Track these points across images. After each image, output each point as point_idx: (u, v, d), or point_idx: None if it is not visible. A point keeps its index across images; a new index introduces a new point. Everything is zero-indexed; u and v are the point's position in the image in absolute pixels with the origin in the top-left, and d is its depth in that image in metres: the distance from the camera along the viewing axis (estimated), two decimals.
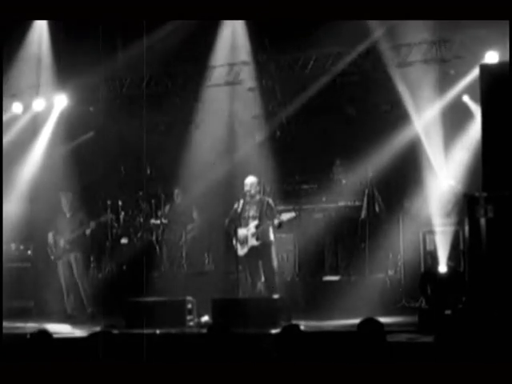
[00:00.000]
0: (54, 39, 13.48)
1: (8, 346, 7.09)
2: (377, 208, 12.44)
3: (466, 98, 12.25)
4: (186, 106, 14.07)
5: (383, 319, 5.84)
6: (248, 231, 10.84)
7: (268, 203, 10.95)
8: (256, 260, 10.92)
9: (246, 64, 13.36)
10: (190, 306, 10.46)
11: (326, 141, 13.46)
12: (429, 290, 10.75)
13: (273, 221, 10.76)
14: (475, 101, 11.53)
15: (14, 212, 12.73)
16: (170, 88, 13.97)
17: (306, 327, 9.17)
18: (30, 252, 13.11)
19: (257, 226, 10.80)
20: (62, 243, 12.09)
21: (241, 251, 10.89)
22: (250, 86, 13.48)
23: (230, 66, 13.53)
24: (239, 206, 10.87)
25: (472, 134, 11.48)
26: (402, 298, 11.58)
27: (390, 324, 9.28)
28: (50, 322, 11.13)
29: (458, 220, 11.18)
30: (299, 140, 13.67)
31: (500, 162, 8.61)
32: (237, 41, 13.13)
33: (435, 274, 10.95)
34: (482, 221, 8.91)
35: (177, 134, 14.04)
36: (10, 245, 12.71)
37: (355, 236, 12.50)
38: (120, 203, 14.07)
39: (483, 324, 6.38)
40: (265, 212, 10.84)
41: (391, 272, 12.13)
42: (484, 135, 8.81)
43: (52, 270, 12.34)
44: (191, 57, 13.56)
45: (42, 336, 6.07)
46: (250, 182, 10.94)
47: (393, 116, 12.61)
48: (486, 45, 11.59)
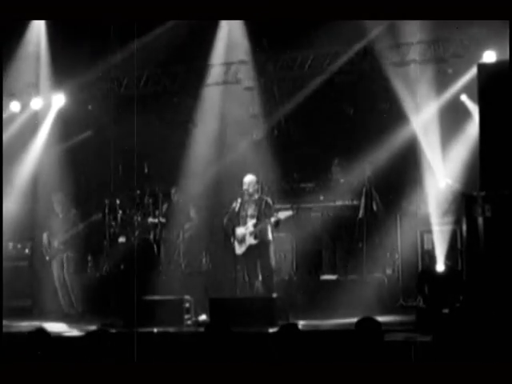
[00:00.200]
0: (52, 38, 13.46)
1: (5, 344, 7.10)
2: (374, 207, 12.43)
3: (464, 97, 12.26)
4: (184, 105, 14.06)
5: (381, 318, 5.85)
6: (246, 230, 10.83)
7: (266, 202, 10.94)
8: (254, 259, 10.91)
9: (244, 63, 13.35)
10: (187, 304, 10.46)
11: (324, 140, 13.46)
12: (426, 289, 10.75)
13: (270, 220, 10.76)
14: (473, 100, 11.53)
15: (11, 211, 12.71)
16: (168, 87, 13.96)
17: (304, 326, 9.19)
18: (27, 251, 13.09)
19: (255, 225, 10.79)
20: (56, 243, 12.13)
21: (239, 250, 10.89)
22: (247, 86, 13.46)
23: (228, 65, 13.52)
24: (237, 205, 10.87)
25: (470, 133, 11.49)
26: (399, 296, 11.58)
27: (388, 323, 9.29)
28: (47, 321, 11.12)
29: (455, 219, 11.18)
30: (297, 139, 13.67)
31: (497, 161, 8.62)
32: (235, 40, 13.11)
33: (433, 273, 10.96)
34: (480, 220, 8.92)
35: (174, 133, 14.03)
36: (8, 244, 12.68)
37: (353, 235, 12.50)
38: (118, 202, 14.06)
39: (481, 323, 6.38)
40: (263, 211, 10.83)
41: (389, 271, 12.13)
42: (481, 134, 8.81)
43: (48, 270, 12.35)
44: (189, 56, 13.55)
45: (40, 335, 6.07)
46: (249, 180, 10.93)
47: (391, 115, 12.61)
48: (483, 44, 11.60)
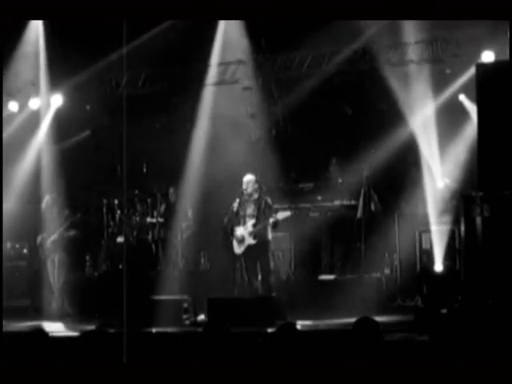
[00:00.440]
0: (50, 38, 13.45)
1: (4, 344, 7.09)
2: (373, 207, 12.44)
3: (462, 98, 12.26)
4: (182, 105, 14.05)
5: (379, 318, 5.84)
6: (245, 230, 10.83)
7: (266, 202, 10.93)
8: (253, 259, 10.91)
9: (243, 63, 13.35)
10: (186, 304, 10.46)
11: (322, 140, 13.46)
12: (424, 289, 10.78)
13: (269, 220, 10.76)
14: (471, 100, 11.54)
15: (9, 211, 12.70)
16: (166, 87, 13.95)
17: (302, 326, 9.19)
18: (25, 251, 13.09)
19: (254, 225, 10.79)
20: (48, 243, 12.15)
21: (238, 250, 10.90)
22: (246, 85, 13.47)
23: (227, 65, 13.52)
24: (236, 205, 10.87)
25: (468, 133, 11.49)
26: (397, 296, 11.59)
27: (386, 323, 9.29)
28: (45, 321, 11.12)
29: (453, 219, 11.19)
30: (295, 139, 13.67)
31: (496, 161, 8.63)
32: (233, 40, 13.11)
33: (431, 273, 10.98)
34: (478, 220, 8.93)
35: (173, 133, 14.03)
36: (6, 243, 12.68)
37: (351, 235, 12.51)
38: (116, 202, 14.06)
39: (479, 323, 6.39)
40: (263, 211, 10.83)
41: (387, 271, 12.14)
42: (480, 134, 8.83)
43: (46, 269, 12.34)
44: (187, 56, 13.54)
45: (38, 335, 6.06)
46: (247, 180, 10.93)
47: (389, 115, 12.61)
48: (481, 44, 11.61)
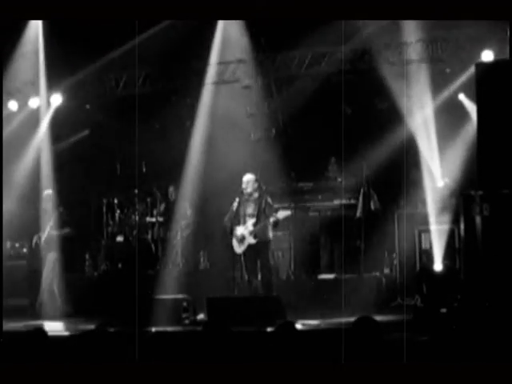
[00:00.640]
0: (49, 38, 13.45)
1: (3, 344, 7.09)
2: (372, 206, 12.45)
3: (462, 97, 12.27)
4: (182, 104, 14.06)
5: (378, 317, 5.84)
6: (246, 229, 10.82)
7: (267, 201, 10.93)
8: (253, 258, 10.91)
9: (242, 62, 13.36)
10: (185, 304, 10.46)
11: (322, 139, 13.46)
12: (424, 289, 10.77)
13: (270, 219, 10.76)
14: (471, 99, 11.54)
15: (8, 210, 12.69)
16: (166, 86, 13.95)
17: (302, 325, 9.19)
18: (25, 250, 13.08)
19: (254, 225, 10.79)
20: (42, 242, 12.17)
21: (238, 249, 10.90)
22: (245, 85, 13.47)
23: (226, 64, 13.52)
24: (236, 204, 10.86)
25: (467, 133, 11.49)
26: (397, 296, 11.59)
27: (386, 322, 9.28)
28: (45, 320, 11.11)
29: (453, 218, 11.19)
30: (295, 138, 13.66)
31: (495, 161, 8.63)
32: (233, 39, 13.12)
33: (431, 272, 10.98)
34: (478, 219, 8.93)
35: (172, 132, 14.03)
36: (6, 243, 12.67)
37: (351, 234, 12.51)
38: (115, 201, 14.07)
39: (478, 322, 6.39)
40: (263, 210, 10.83)
41: (387, 270, 12.15)
42: (479, 133, 8.82)
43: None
44: (187, 55, 13.55)
45: (38, 334, 6.06)
46: (247, 179, 10.92)
47: (388, 114, 12.61)
48: (481, 43, 11.62)
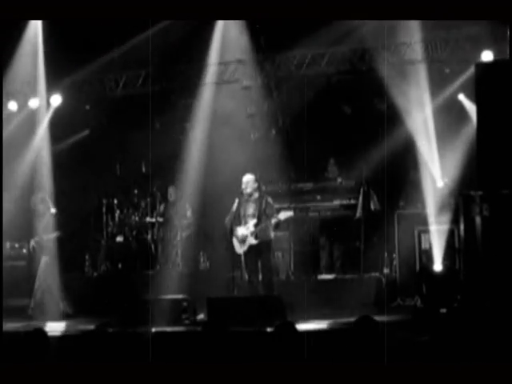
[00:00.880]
0: (49, 38, 13.45)
1: (3, 344, 7.08)
2: (372, 207, 12.44)
3: (462, 97, 12.26)
4: (182, 104, 14.05)
5: (378, 318, 5.84)
6: (247, 230, 10.81)
7: (267, 201, 10.92)
8: (255, 258, 10.90)
9: (242, 62, 13.35)
10: (185, 304, 10.46)
11: (322, 139, 13.46)
12: (424, 289, 10.77)
13: (271, 220, 10.76)
14: (470, 100, 11.54)
15: (9, 210, 12.70)
16: (166, 86, 13.95)
17: (301, 326, 9.17)
18: (25, 251, 13.07)
19: (255, 225, 10.78)
20: (34, 243, 12.18)
21: (240, 250, 10.89)
22: (245, 85, 13.47)
23: (226, 64, 13.52)
24: (236, 205, 10.85)
25: (467, 133, 11.49)
26: (397, 296, 11.59)
27: (385, 322, 9.27)
28: (44, 321, 11.11)
29: (452, 218, 11.19)
30: (294, 138, 13.65)
31: (495, 161, 8.63)
32: (232, 39, 13.11)
33: (430, 273, 10.98)
34: (478, 219, 8.94)
35: (172, 133, 14.02)
36: (5, 243, 12.67)
37: (350, 235, 12.51)
38: (115, 202, 14.06)
39: (478, 322, 6.38)
40: (264, 210, 10.82)
41: (386, 270, 12.14)
42: (479, 134, 8.82)
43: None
44: (187, 55, 13.55)
45: (38, 334, 6.06)
46: (247, 180, 10.91)
47: (388, 115, 12.60)
48: (481, 44, 11.62)
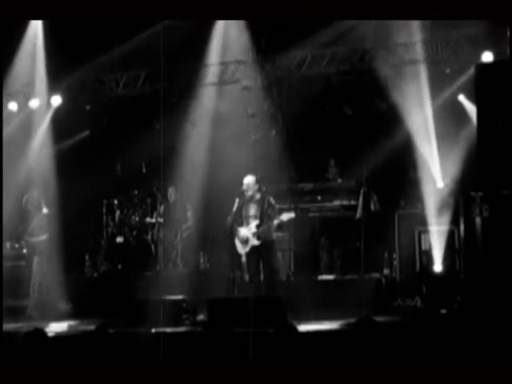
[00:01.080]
0: (49, 38, 13.45)
1: (3, 344, 7.09)
2: (372, 207, 12.44)
3: (462, 98, 12.26)
4: (182, 104, 14.05)
5: (378, 318, 5.84)
6: (249, 231, 10.81)
7: (269, 202, 10.92)
8: (257, 259, 10.90)
9: (242, 63, 13.35)
10: (185, 304, 10.46)
11: (322, 140, 13.46)
12: (424, 289, 10.77)
13: (273, 221, 10.76)
14: (471, 100, 11.54)
15: (9, 210, 12.69)
16: (166, 87, 13.94)
17: (302, 326, 9.18)
18: (25, 251, 13.06)
19: (258, 226, 10.79)
20: (24, 244, 12.19)
21: (241, 250, 10.90)
22: (245, 85, 13.46)
23: (226, 64, 13.52)
24: (238, 205, 10.84)
25: (467, 133, 11.48)
26: (397, 297, 11.58)
27: (386, 323, 9.28)
28: (44, 321, 11.11)
29: (452, 219, 11.18)
30: (295, 139, 13.66)
31: (495, 161, 8.63)
32: (233, 40, 13.11)
33: (430, 274, 10.98)
34: (478, 220, 8.93)
35: (172, 133, 14.02)
36: (5, 243, 12.66)
37: (351, 235, 12.50)
38: (115, 202, 14.07)
39: (478, 323, 6.38)
40: (266, 211, 10.83)
41: (387, 271, 12.14)
42: (479, 134, 8.83)
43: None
44: (187, 56, 13.54)
45: (37, 335, 6.06)
46: (248, 181, 10.91)
47: (388, 115, 12.61)
48: (481, 44, 11.62)
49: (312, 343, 5.97)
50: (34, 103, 13.98)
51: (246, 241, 10.84)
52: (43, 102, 13.98)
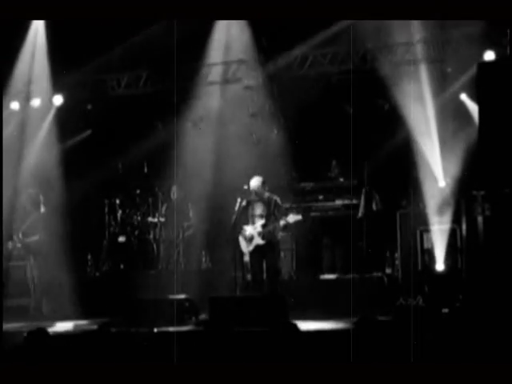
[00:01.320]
0: (51, 38, 13.46)
1: (6, 344, 7.10)
2: (374, 206, 12.44)
3: (463, 97, 12.26)
4: (183, 104, 14.05)
5: (380, 317, 5.84)
6: (254, 230, 10.84)
7: (276, 202, 10.96)
8: (260, 258, 10.92)
9: (244, 62, 13.35)
10: (187, 304, 10.47)
11: (324, 139, 13.46)
12: (426, 289, 10.77)
13: (279, 222, 10.77)
14: (472, 99, 11.53)
15: (10, 210, 12.70)
16: (167, 86, 13.94)
17: (303, 326, 9.17)
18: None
19: (263, 226, 10.81)
20: (18, 243, 12.19)
21: (245, 248, 10.93)
22: (247, 85, 13.47)
23: (228, 64, 13.52)
24: (238, 205, 10.84)
25: (469, 132, 11.48)
26: (399, 296, 11.57)
27: (387, 322, 9.27)
28: (46, 320, 11.12)
29: (454, 218, 11.18)
30: (296, 138, 13.66)
31: (497, 160, 8.63)
32: (234, 39, 13.11)
33: (432, 273, 10.97)
34: (480, 219, 8.94)
35: (174, 133, 14.02)
36: (8, 243, 12.67)
37: (352, 235, 12.49)
38: (117, 201, 14.07)
39: (481, 322, 6.39)
40: (272, 211, 10.86)
41: (388, 270, 12.14)
42: (481, 133, 8.82)
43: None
44: (188, 55, 13.54)
45: (40, 334, 6.07)
46: (255, 183, 10.93)
47: (390, 114, 12.60)
48: (482, 43, 11.61)
49: (313, 342, 5.97)
50: (35, 103, 13.98)
51: (250, 239, 10.87)
52: (45, 102, 13.99)
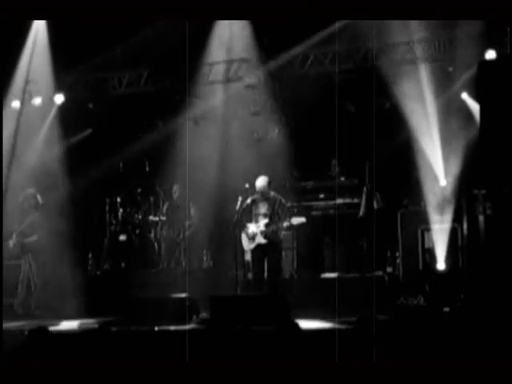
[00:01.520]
0: (53, 37, 13.46)
1: (6, 343, 7.10)
2: (375, 205, 12.44)
3: (465, 96, 12.26)
4: (185, 102, 14.05)
5: (381, 317, 5.84)
6: (258, 228, 10.86)
7: (280, 202, 10.98)
8: (262, 257, 10.94)
9: (245, 61, 13.35)
10: (188, 302, 10.47)
11: (325, 138, 13.45)
12: (427, 288, 10.77)
13: (283, 223, 10.78)
14: (474, 98, 11.53)
15: (11, 208, 12.70)
16: (169, 85, 13.95)
17: (304, 324, 9.18)
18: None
19: (267, 225, 10.82)
20: (14, 243, 12.21)
21: (247, 247, 10.95)
22: (249, 83, 13.48)
23: (229, 63, 13.52)
24: (239, 204, 10.85)
25: (470, 131, 11.48)
26: (400, 295, 11.58)
27: (388, 322, 9.27)
28: (49, 319, 11.12)
29: (455, 217, 11.18)
30: (297, 137, 13.67)
31: (498, 159, 8.63)
32: (236, 38, 13.11)
33: (433, 272, 10.97)
34: (481, 218, 8.93)
35: (176, 131, 14.03)
36: (8, 242, 12.68)
37: (353, 233, 12.50)
38: (118, 200, 14.08)
39: (482, 321, 6.39)
40: (276, 210, 10.88)
41: (389, 269, 12.15)
42: (482, 132, 8.82)
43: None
44: (190, 54, 13.53)
45: (41, 333, 6.08)
46: (260, 183, 10.95)
47: (391, 113, 12.60)
48: (483, 42, 11.60)
49: (314, 341, 5.97)
50: (37, 102, 13.99)
51: (253, 237, 10.89)
52: (46, 101, 14.00)
